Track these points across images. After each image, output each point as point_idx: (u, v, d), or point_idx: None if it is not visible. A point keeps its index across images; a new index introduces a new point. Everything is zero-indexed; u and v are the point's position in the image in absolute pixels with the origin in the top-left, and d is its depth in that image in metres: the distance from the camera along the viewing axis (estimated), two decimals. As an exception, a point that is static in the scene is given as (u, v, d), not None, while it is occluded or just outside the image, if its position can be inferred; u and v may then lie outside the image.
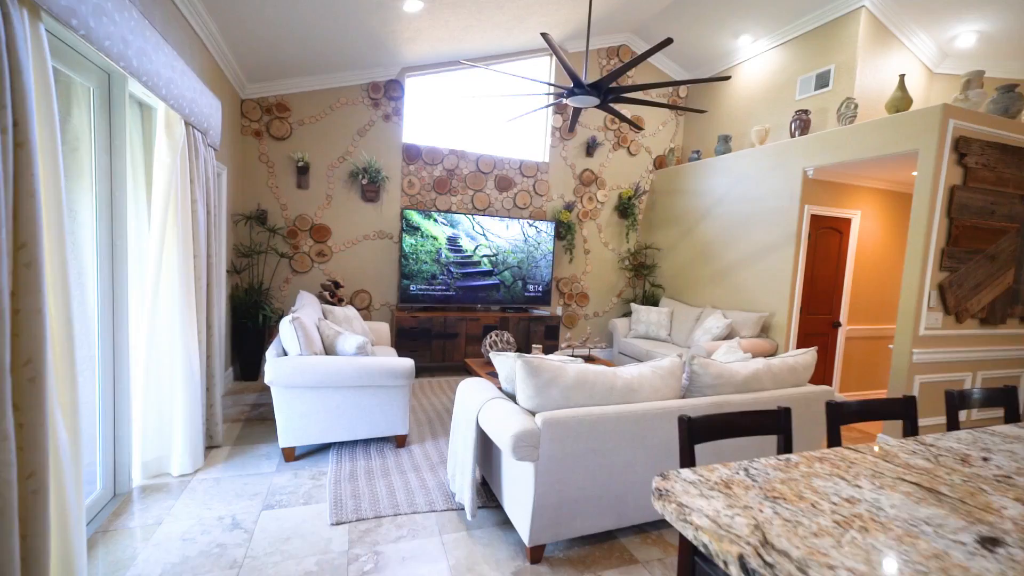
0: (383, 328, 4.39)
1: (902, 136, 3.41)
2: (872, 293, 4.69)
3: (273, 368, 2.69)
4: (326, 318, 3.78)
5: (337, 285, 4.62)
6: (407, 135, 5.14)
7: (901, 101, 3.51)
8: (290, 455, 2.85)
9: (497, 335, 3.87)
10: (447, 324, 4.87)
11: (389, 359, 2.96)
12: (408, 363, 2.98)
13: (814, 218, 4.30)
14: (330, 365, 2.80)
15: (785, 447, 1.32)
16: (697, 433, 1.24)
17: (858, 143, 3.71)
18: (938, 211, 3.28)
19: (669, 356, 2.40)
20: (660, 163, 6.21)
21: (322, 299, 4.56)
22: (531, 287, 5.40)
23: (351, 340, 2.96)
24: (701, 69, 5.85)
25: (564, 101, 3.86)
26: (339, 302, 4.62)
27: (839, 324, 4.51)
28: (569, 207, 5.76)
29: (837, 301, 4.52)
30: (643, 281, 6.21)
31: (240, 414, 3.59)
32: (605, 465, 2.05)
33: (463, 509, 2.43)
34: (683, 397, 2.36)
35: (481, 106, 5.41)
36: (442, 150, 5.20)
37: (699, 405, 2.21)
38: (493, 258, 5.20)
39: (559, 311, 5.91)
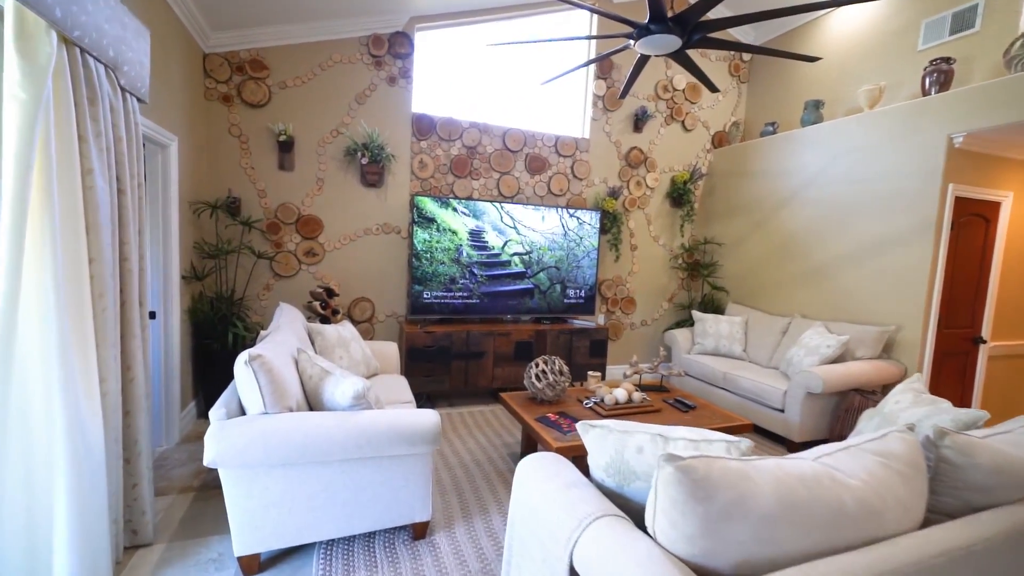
0: (390, 350, 3.38)
1: None
2: (1021, 299, 3.64)
3: (219, 439, 1.67)
4: (313, 343, 2.77)
5: (330, 293, 3.61)
6: (417, 103, 4.11)
7: None
8: (251, 566, 1.85)
9: (546, 363, 2.85)
10: (470, 341, 3.85)
11: (402, 416, 1.94)
12: (431, 421, 1.97)
13: (957, 202, 3.26)
14: (312, 429, 1.78)
15: None
16: None
17: (1049, 94, 2.66)
18: None
19: (892, 431, 1.37)
20: (720, 140, 5.16)
21: (311, 311, 3.55)
22: (571, 292, 4.37)
23: (345, 385, 1.95)
24: (774, 24, 4.79)
25: (631, 45, 2.84)
26: (333, 315, 3.61)
27: (981, 340, 3.47)
28: (614, 193, 4.72)
29: (979, 310, 3.48)
30: (700, 283, 5.18)
31: (194, 476, 2.58)
32: (843, 674, 1.03)
33: None
34: (933, 511, 1.33)
35: (508, 65, 4.37)
36: (461, 122, 4.17)
37: (991, 539, 1.19)
38: (526, 257, 4.17)
39: (601, 320, 4.88)
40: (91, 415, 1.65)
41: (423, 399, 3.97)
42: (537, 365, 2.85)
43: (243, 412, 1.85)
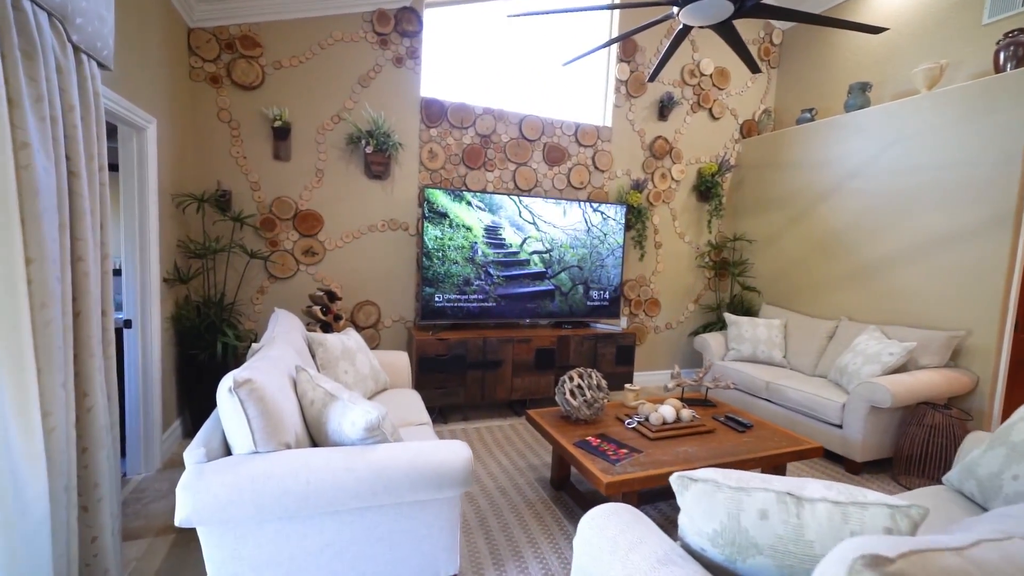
0: (399, 360, 3.01)
1: None
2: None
3: (196, 491, 1.30)
4: (314, 356, 2.39)
5: (332, 297, 3.24)
6: (426, 87, 3.74)
7: None
8: (240, 642, 1.48)
9: (582, 377, 2.49)
10: (487, 348, 3.48)
11: (425, 452, 1.57)
12: (461, 458, 1.60)
13: (1037, 191, 2.90)
14: (316, 474, 1.41)
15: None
16: None
17: None
18: None
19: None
20: (749, 130, 4.81)
21: (311, 316, 3.18)
22: (594, 293, 4.01)
23: (355, 413, 1.57)
24: (808, 3, 4.43)
25: (675, 14, 2.52)
26: (335, 321, 3.24)
27: (1058, 345, 3.12)
28: (638, 186, 4.36)
29: (1055, 312, 3.13)
30: (729, 282, 4.82)
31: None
32: None
33: None
34: None
35: (525, 47, 4.00)
36: (474, 108, 3.80)
37: None
38: (546, 255, 3.80)
39: (623, 323, 4.52)
40: (29, 460, 1.28)
41: (435, 414, 3.61)
42: (572, 379, 2.48)
43: (228, 451, 1.48)
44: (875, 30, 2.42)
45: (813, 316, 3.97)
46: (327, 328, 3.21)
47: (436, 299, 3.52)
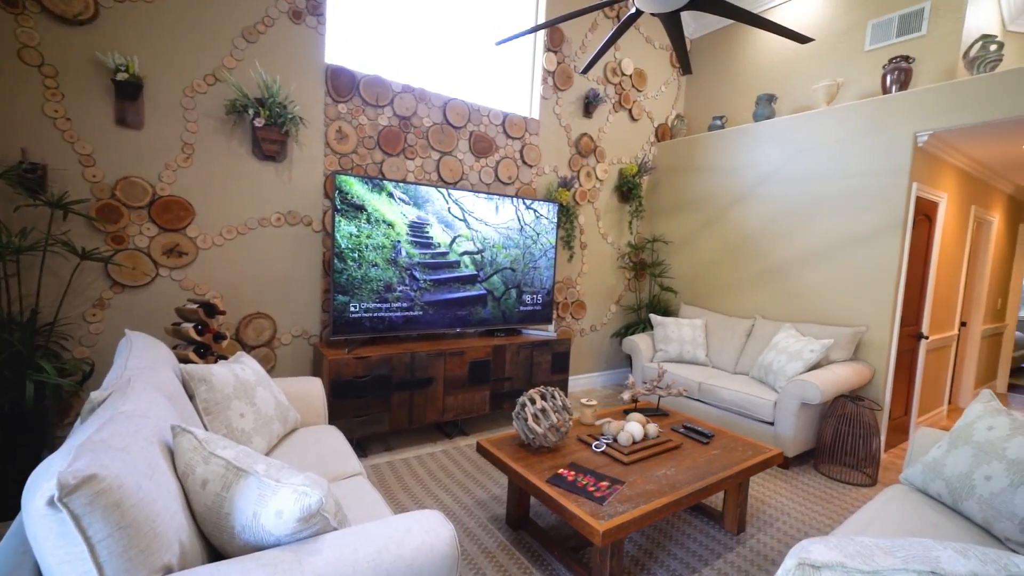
0: (311, 389, 2.38)
1: (1111, 82, 2.43)
2: (946, 296, 3.88)
3: None
4: (193, 398, 1.72)
5: (211, 311, 2.48)
6: (333, 54, 3.10)
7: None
8: None
9: (544, 398, 2.16)
10: (416, 365, 2.98)
11: (392, 543, 1.11)
12: (443, 539, 1.16)
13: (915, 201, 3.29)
14: (221, 613, 0.87)
15: None
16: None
17: (1016, 97, 2.70)
18: None
19: None
20: (663, 133, 4.93)
21: (181, 338, 2.40)
22: (527, 297, 3.72)
23: (282, 499, 1.04)
24: (711, 19, 4.64)
25: (631, -3, 2.35)
26: (215, 341, 2.49)
27: (923, 336, 3.61)
28: (566, 184, 4.18)
29: (921, 308, 3.61)
30: (647, 283, 4.90)
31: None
32: None
33: None
34: None
35: (450, 21, 3.55)
36: (391, 85, 3.25)
37: None
38: (478, 256, 3.41)
39: (552, 328, 4.32)
40: None
41: (353, 446, 3.00)
42: (534, 402, 2.14)
43: (50, 601, 0.86)
44: (803, 39, 2.47)
45: (729, 315, 4.16)
46: (204, 351, 2.44)
47: (351, 309, 2.92)
